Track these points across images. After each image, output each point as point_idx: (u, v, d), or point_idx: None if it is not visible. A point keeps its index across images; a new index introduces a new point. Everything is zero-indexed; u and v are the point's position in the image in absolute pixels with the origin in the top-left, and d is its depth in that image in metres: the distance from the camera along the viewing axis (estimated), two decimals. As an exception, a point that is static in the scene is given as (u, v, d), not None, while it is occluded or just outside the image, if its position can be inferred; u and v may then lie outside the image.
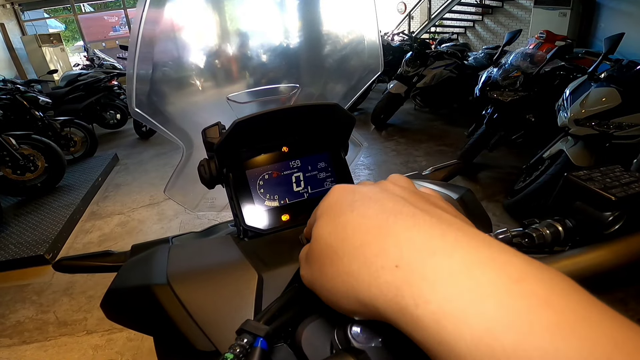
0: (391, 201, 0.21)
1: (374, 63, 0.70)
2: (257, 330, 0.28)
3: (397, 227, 0.19)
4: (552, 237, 0.32)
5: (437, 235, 0.18)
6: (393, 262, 0.18)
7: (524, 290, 0.15)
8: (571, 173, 0.33)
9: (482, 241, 0.18)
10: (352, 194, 0.23)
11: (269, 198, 0.48)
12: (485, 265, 0.16)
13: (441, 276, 0.16)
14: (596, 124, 2.14)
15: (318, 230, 0.23)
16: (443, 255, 0.17)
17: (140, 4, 0.52)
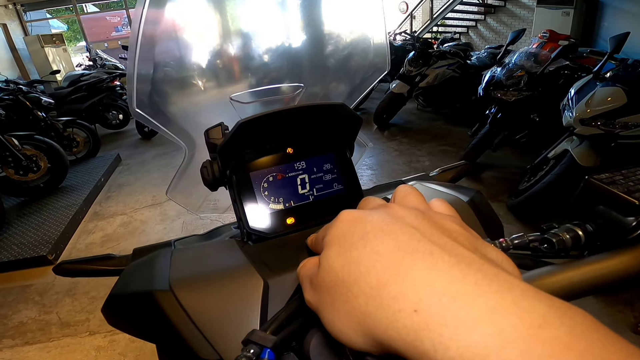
0: (406, 234, 0.20)
1: (380, 62, 0.69)
2: (264, 341, 0.27)
3: (415, 269, 0.18)
4: (572, 242, 0.31)
5: (457, 278, 0.17)
6: (412, 306, 0.17)
7: (547, 336, 0.15)
8: (592, 176, 0.31)
9: (504, 284, 0.17)
10: (363, 225, 0.22)
11: (273, 201, 0.47)
12: (507, 312, 0.16)
13: (462, 322, 0.16)
14: (602, 123, 2.12)
15: (328, 260, 0.22)
16: (464, 301, 0.16)
17: (140, 4, 0.51)
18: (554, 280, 0.27)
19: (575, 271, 0.27)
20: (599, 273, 0.27)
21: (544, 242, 0.32)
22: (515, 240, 0.33)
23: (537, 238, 0.33)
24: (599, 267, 0.27)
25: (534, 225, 2.46)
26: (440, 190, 0.53)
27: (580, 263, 0.28)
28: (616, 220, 0.30)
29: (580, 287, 0.27)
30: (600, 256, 0.28)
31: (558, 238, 0.31)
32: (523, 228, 2.44)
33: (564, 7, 6.40)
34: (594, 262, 0.28)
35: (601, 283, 0.27)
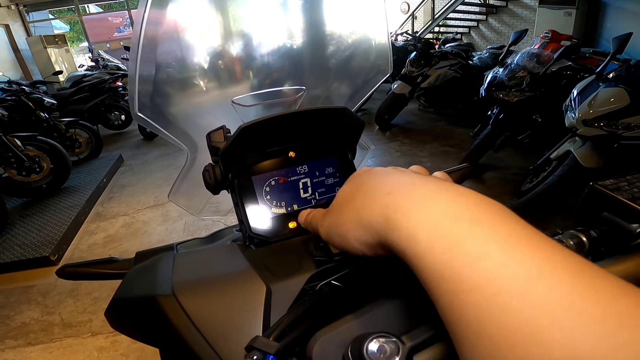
0: (398, 171, 0.28)
1: (382, 64, 0.69)
2: (267, 348, 0.27)
3: (394, 176, 0.27)
4: (576, 249, 0.30)
5: (418, 178, 0.25)
6: (387, 190, 0.25)
7: (465, 202, 0.21)
8: (597, 182, 0.31)
9: (445, 183, 0.24)
10: (370, 170, 0.31)
11: (275, 205, 0.47)
12: (445, 192, 0.22)
13: (414, 196, 0.23)
14: (604, 124, 2.12)
15: (342, 189, 0.31)
16: (418, 186, 0.24)
17: (142, 4, 0.51)
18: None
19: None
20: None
21: None
22: None
23: None
24: None
25: (537, 226, 2.44)
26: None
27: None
28: (620, 227, 0.29)
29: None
30: (604, 262, 0.28)
31: (562, 244, 0.31)
32: (525, 229, 2.43)
33: (566, 7, 6.38)
34: None
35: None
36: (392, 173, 0.27)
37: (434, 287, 0.20)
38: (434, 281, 0.20)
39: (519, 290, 0.16)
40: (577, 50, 3.26)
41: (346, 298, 0.34)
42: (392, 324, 0.30)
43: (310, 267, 0.38)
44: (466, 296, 0.18)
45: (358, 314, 0.31)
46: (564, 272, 0.17)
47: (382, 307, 0.31)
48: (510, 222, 0.20)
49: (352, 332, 0.29)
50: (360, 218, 0.26)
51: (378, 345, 0.25)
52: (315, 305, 0.32)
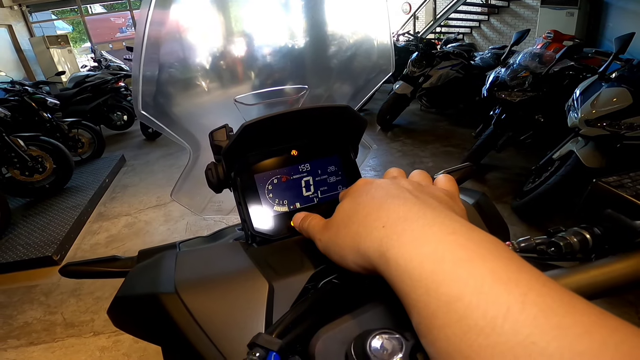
0: (396, 189, 0.29)
1: (384, 63, 0.69)
2: (270, 345, 0.27)
3: (391, 204, 0.27)
4: (580, 246, 0.30)
5: (414, 209, 0.26)
6: (382, 224, 0.26)
7: (451, 240, 0.22)
8: (600, 179, 0.31)
9: (440, 213, 0.25)
10: (371, 185, 0.31)
11: (278, 203, 0.47)
12: (433, 226, 0.23)
13: (406, 232, 0.24)
14: (607, 124, 2.11)
15: (342, 206, 0.32)
16: (411, 221, 0.24)
17: (145, 5, 0.51)
18: (562, 283, 0.27)
19: (583, 275, 0.27)
20: (608, 276, 0.27)
21: (551, 245, 0.32)
22: (522, 243, 0.32)
23: (544, 241, 0.33)
24: (607, 270, 0.27)
25: (539, 226, 2.44)
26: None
27: (588, 266, 0.28)
28: (624, 224, 0.29)
29: (588, 290, 0.27)
30: (608, 259, 0.28)
31: (565, 241, 0.31)
32: (527, 229, 2.42)
33: (568, 7, 6.36)
34: (602, 266, 0.28)
35: (609, 286, 0.27)
36: (389, 201, 0.28)
37: (413, 319, 0.22)
38: (414, 316, 0.22)
39: (487, 329, 0.18)
40: (580, 50, 3.25)
41: (348, 295, 0.34)
42: (395, 321, 0.30)
43: (312, 265, 0.39)
44: (438, 332, 0.19)
45: (360, 312, 0.31)
46: (532, 310, 0.17)
47: (384, 305, 0.31)
48: (495, 259, 0.20)
49: (355, 330, 0.29)
50: (358, 245, 0.27)
51: (381, 341, 0.25)
52: (317, 303, 0.32)
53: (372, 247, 0.25)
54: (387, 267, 0.24)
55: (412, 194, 0.28)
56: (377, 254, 0.25)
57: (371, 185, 0.31)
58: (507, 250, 0.22)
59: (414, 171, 0.36)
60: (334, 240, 0.31)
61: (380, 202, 0.28)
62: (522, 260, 0.21)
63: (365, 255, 0.26)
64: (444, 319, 0.19)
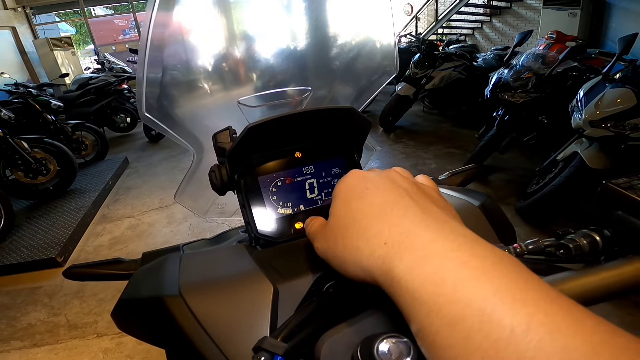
0: (395, 192, 0.28)
1: (388, 65, 0.68)
2: (275, 349, 0.26)
3: (391, 216, 0.26)
4: (589, 248, 0.30)
5: (416, 221, 0.25)
6: (384, 240, 0.24)
7: (454, 257, 0.21)
8: (610, 180, 0.31)
9: (444, 224, 0.24)
10: (365, 182, 0.29)
11: (282, 205, 0.47)
12: (437, 242, 0.22)
13: (408, 250, 0.23)
14: (611, 125, 2.10)
15: (335, 211, 0.30)
16: (413, 237, 0.23)
17: (149, 7, 0.51)
18: (571, 285, 0.27)
19: (594, 277, 0.27)
20: (617, 279, 0.27)
21: (560, 247, 0.31)
22: (530, 245, 0.32)
23: (552, 243, 0.32)
24: (616, 272, 0.27)
25: (543, 228, 2.43)
26: (450, 194, 0.52)
27: (598, 269, 0.27)
28: (634, 226, 0.29)
29: (598, 292, 0.26)
30: (618, 262, 0.28)
31: (575, 244, 0.30)
32: (531, 231, 2.41)
33: (570, 8, 6.35)
34: (612, 268, 0.27)
35: (619, 289, 0.27)
36: (388, 210, 0.26)
37: (417, 337, 0.22)
38: (417, 334, 0.21)
39: (490, 352, 0.17)
40: (583, 51, 3.24)
41: (353, 299, 0.34)
42: (400, 325, 0.30)
43: (317, 268, 0.38)
44: (442, 351, 0.19)
45: (365, 315, 0.30)
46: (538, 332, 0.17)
47: (389, 309, 0.31)
48: (500, 276, 0.20)
49: (360, 333, 0.29)
50: (360, 262, 0.26)
51: (389, 345, 0.24)
52: (322, 306, 0.32)
53: (375, 264, 0.24)
54: (391, 286, 0.23)
55: (411, 199, 0.27)
56: (380, 272, 0.24)
57: (365, 182, 0.29)
58: (514, 264, 0.21)
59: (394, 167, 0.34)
60: (333, 250, 0.29)
61: (379, 211, 0.26)
62: (529, 275, 0.20)
63: (368, 271, 0.25)
64: (447, 340, 0.19)
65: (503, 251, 0.22)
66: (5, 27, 8.47)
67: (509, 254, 0.22)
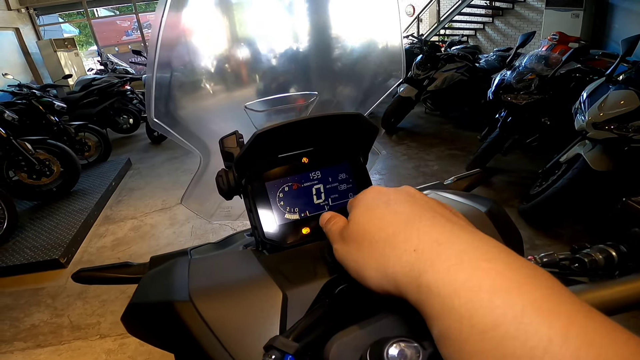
0: (418, 205, 0.28)
1: (395, 69, 0.69)
2: (286, 348, 0.27)
3: (420, 224, 0.26)
4: (605, 262, 0.30)
5: (446, 232, 0.25)
6: (413, 247, 0.25)
7: (487, 266, 0.21)
8: (630, 198, 0.31)
9: (475, 236, 0.24)
10: (387, 196, 0.30)
11: (289, 211, 0.47)
12: (469, 252, 0.23)
13: (440, 257, 0.23)
14: (615, 127, 2.09)
15: (357, 216, 0.30)
16: (445, 245, 0.24)
17: (159, 11, 0.51)
18: (586, 298, 0.27)
19: (608, 290, 0.27)
20: (632, 293, 0.27)
21: (575, 261, 0.31)
22: (544, 258, 0.32)
23: (567, 257, 0.32)
24: (631, 287, 0.27)
25: (546, 230, 2.42)
26: (456, 200, 0.52)
27: (614, 282, 0.27)
28: None
29: (612, 306, 0.27)
30: (634, 276, 0.28)
31: (590, 258, 0.30)
32: (534, 233, 2.41)
33: (573, 9, 6.33)
34: (627, 282, 0.27)
35: (633, 303, 0.27)
36: (416, 219, 0.26)
37: (440, 343, 0.22)
38: (441, 340, 0.22)
39: (525, 359, 0.18)
40: (586, 52, 3.23)
41: (364, 302, 0.34)
42: (410, 329, 0.30)
43: (325, 273, 0.39)
44: (470, 357, 0.20)
45: (375, 319, 0.31)
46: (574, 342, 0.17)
47: (399, 313, 0.31)
48: (535, 289, 0.20)
49: (369, 337, 0.29)
50: (385, 269, 0.26)
51: (399, 349, 0.25)
52: (333, 309, 0.32)
53: (402, 271, 0.24)
54: (418, 293, 0.23)
55: (435, 211, 0.27)
56: (407, 279, 0.24)
57: (388, 195, 0.30)
58: (547, 278, 0.21)
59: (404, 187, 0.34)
60: (353, 256, 0.29)
61: (407, 220, 0.27)
62: (562, 289, 0.20)
63: (393, 279, 0.25)
64: (476, 347, 0.19)
65: (535, 266, 0.22)
66: (9, 28, 8.49)
67: (542, 270, 0.22)
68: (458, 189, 0.64)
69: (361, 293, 0.35)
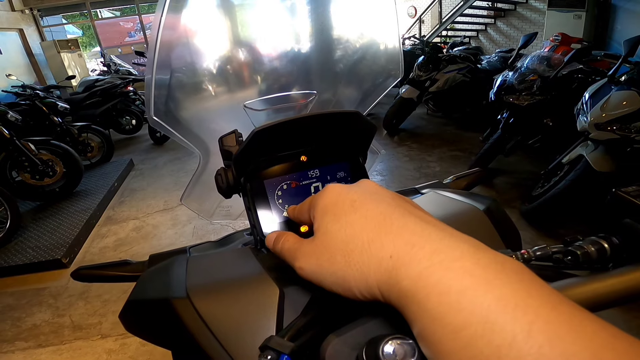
0: (384, 202, 0.28)
1: (393, 68, 0.69)
2: (281, 347, 0.27)
3: (392, 227, 0.26)
4: (597, 255, 0.30)
5: (418, 231, 0.25)
6: (389, 254, 0.24)
7: (458, 267, 0.21)
8: (619, 189, 0.31)
9: (445, 234, 0.24)
10: (349, 195, 0.29)
11: (287, 209, 0.47)
12: (440, 253, 0.23)
13: (413, 262, 0.23)
14: (617, 128, 2.08)
15: (325, 227, 0.29)
16: (418, 248, 0.23)
17: (159, 11, 0.52)
18: (579, 291, 0.27)
19: (602, 283, 0.27)
20: (626, 285, 0.27)
21: (567, 254, 0.31)
22: (537, 251, 0.32)
23: (560, 250, 0.32)
24: (625, 279, 0.27)
25: (548, 231, 2.41)
26: (455, 199, 0.52)
27: (607, 275, 0.27)
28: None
29: (606, 299, 0.26)
30: (627, 268, 0.28)
31: (583, 250, 0.30)
32: (537, 234, 2.40)
33: (575, 10, 6.32)
34: (621, 275, 0.27)
35: (627, 295, 0.27)
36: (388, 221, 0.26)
37: (421, 345, 0.22)
38: (421, 341, 0.22)
39: (493, 357, 0.18)
40: (588, 53, 3.22)
41: (359, 301, 0.34)
42: (405, 327, 0.30)
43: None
44: (443, 357, 0.20)
45: (370, 317, 0.31)
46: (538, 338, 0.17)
47: (394, 311, 0.31)
48: (503, 284, 0.20)
49: (365, 335, 0.29)
50: (366, 277, 0.25)
51: (394, 347, 0.25)
52: (329, 308, 0.32)
53: (382, 279, 0.24)
54: (398, 298, 0.23)
55: (405, 209, 0.27)
56: (387, 287, 0.24)
57: (350, 196, 0.29)
58: (517, 271, 0.21)
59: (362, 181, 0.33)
60: (329, 270, 0.28)
61: (379, 224, 0.26)
62: (533, 281, 0.20)
63: (375, 286, 0.25)
64: (449, 347, 0.20)
65: (507, 257, 0.22)
66: (13, 28, 8.53)
67: (513, 260, 0.22)
68: (457, 187, 0.64)
69: None
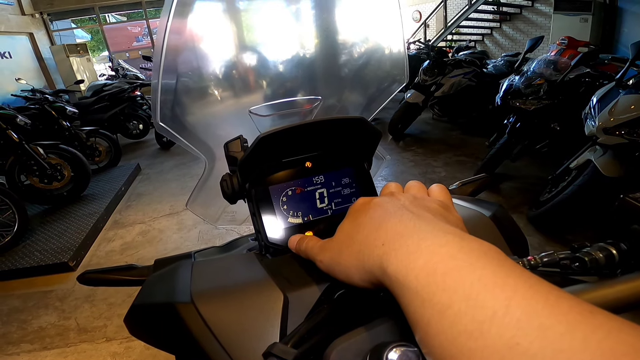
0: (393, 207, 0.31)
1: (398, 74, 0.69)
2: (285, 355, 0.27)
3: (388, 223, 0.29)
4: (605, 261, 0.30)
5: (409, 225, 0.27)
6: (381, 242, 0.27)
7: (443, 252, 0.23)
8: (627, 195, 0.31)
9: (434, 226, 0.27)
10: (369, 204, 0.33)
11: (292, 215, 0.47)
12: (427, 240, 0.25)
13: (402, 248, 0.25)
14: (626, 132, 2.06)
15: (341, 227, 0.34)
16: (406, 237, 0.26)
17: (164, 16, 0.52)
18: (587, 297, 0.26)
19: (610, 289, 0.27)
20: (635, 291, 0.27)
21: (575, 260, 0.31)
22: (544, 258, 0.32)
23: (567, 256, 0.32)
24: (634, 285, 0.27)
25: (556, 237, 2.39)
26: (461, 205, 0.52)
27: (615, 282, 0.27)
28: None
29: (614, 305, 0.26)
30: (635, 275, 0.28)
31: (591, 257, 0.30)
32: (545, 240, 2.37)
33: (581, 13, 6.29)
34: (629, 281, 0.27)
35: (636, 301, 0.26)
36: (387, 219, 0.29)
37: (414, 331, 0.23)
38: (414, 326, 0.23)
39: (476, 333, 0.19)
40: (596, 57, 3.19)
41: (363, 307, 0.34)
42: (410, 334, 0.30)
43: (326, 277, 0.38)
44: (433, 339, 0.21)
45: (375, 324, 0.30)
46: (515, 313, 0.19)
47: (398, 318, 0.31)
48: (484, 266, 0.22)
49: (369, 342, 0.29)
50: (362, 264, 0.28)
51: (398, 354, 0.24)
52: (333, 314, 0.32)
53: (375, 264, 0.27)
54: (390, 282, 0.25)
55: (408, 210, 0.30)
56: (380, 271, 0.26)
57: (369, 205, 0.33)
58: (498, 256, 0.23)
59: (410, 182, 0.38)
60: (337, 260, 0.32)
61: (380, 222, 0.29)
62: (511, 265, 0.22)
63: (370, 272, 0.28)
64: (437, 327, 0.21)
65: (490, 245, 0.24)
66: (23, 32, 8.63)
67: (495, 248, 0.23)
68: (463, 193, 0.63)
69: (361, 297, 0.35)
